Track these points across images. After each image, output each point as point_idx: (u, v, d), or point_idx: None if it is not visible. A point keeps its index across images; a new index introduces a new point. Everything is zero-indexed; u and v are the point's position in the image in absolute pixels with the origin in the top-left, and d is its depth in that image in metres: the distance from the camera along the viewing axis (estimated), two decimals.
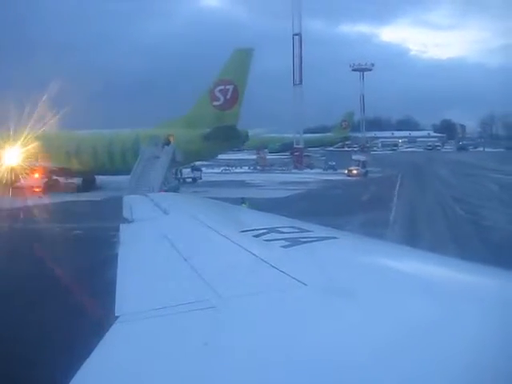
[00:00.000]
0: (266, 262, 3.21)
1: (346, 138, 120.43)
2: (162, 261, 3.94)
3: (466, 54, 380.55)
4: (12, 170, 40.06)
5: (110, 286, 3.14)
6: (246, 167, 70.12)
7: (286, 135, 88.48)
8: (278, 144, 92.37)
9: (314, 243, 3.77)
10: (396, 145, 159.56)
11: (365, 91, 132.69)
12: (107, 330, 2.29)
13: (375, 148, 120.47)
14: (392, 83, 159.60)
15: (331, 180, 53.21)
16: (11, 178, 41.28)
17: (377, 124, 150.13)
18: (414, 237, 21.71)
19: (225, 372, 1.85)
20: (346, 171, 58.59)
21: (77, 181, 46.59)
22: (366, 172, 58.39)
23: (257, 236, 4.05)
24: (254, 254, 3.48)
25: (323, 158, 79.98)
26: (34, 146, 42.32)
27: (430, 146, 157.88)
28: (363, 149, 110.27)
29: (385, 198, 35.78)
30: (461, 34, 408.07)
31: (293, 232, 4.19)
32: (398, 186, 43.86)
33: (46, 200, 37.08)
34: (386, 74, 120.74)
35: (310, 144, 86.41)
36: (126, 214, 6.54)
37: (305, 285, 2.66)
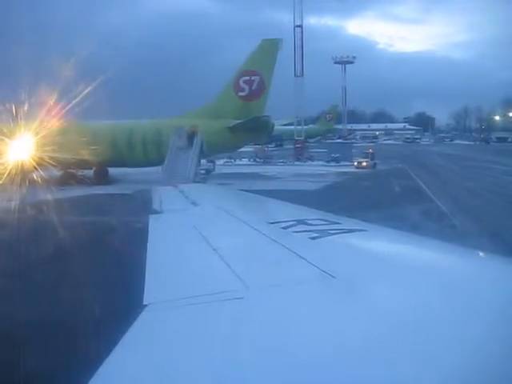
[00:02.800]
0: (294, 253, 3.24)
1: (331, 131, 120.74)
2: (190, 251, 4.02)
3: (431, 48, 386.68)
4: (27, 161, 38.75)
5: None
6: (246, 159, 68.85)
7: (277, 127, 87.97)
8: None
9: (342, 235, 3.82)
10: (376, 137, 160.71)
11: (340, 84, 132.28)
12: (135, 319, 2.32)
13: (354, 140, 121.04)
14: (362, 76, 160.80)
15: (346, 172, 52.28)
16: (26, 170, 40.03)
17: (351, 116, 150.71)
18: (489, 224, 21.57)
19: (251, 363, 1.86)
20: (356, 163, 58.24)
21: (90, 173, 45.33)
22: (375, 164, 58.16)
23: (285, 228, 4.10)
24: (282, 246, 3.52)
25: (311, 150, 79.33)
26: (49, 136, 41.10)
27: (408, 138, 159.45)
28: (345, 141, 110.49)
29: (419, 189, 35.52)
30: (426, 27, 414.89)
31: (321, 224, 4.23)
32: (416, 177, 43.62)
33: (71, 192, 35.84)
34: (355, 67, 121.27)
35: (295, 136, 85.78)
36: (155, 204, 6.63)
37: (333, 277, 2.68)
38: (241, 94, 43.41)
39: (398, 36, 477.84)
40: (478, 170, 50.82)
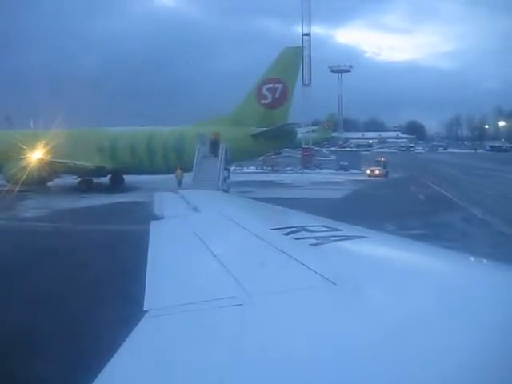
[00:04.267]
0: (295, 260, 3.24)
1: (328, 139, 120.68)
2: (191, 257, 4.05)
3: (419, 57, 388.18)
4: (45, 168, 38.23)
5: None
6: (253, 167, 68.13)
7: None
8: None
9: (343, 242, 3.81)
10: (370, 145, 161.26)
11: (331, 92, 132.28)
12: (136, 325, 2.33)
13: (348, 149, 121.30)
14: (351, 85, 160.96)
15: (361, 180, 52.09)
16: (44, 177, 39.53)
17: (344, 124, 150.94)
18: None
19: (251, 370, 1.85)
20: (369, 171, 57.90)
21: (106, 180, 44.75)
22: (387, 172, 57.89)
23: (286, 234, 4.08)
24: (283, 252, 3.51)
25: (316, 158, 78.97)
26: (67, 143, 40.58)
27: (403, 146, 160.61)
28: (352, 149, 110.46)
29: (444, 197, 35.34)
30: (413, 37, 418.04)
31: (322, 231, 4.20)
32: (433, 185, 43.43)
33: (96, 200, 35.23)
34: (344, 76, 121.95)
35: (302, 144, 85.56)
36: (156, 210, 6.64)
37: (334, 284, 2.66)
38: (263, 101, 43.19)
39: (386, 45, 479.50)
40: (489, 178, 50.93)
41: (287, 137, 43.97)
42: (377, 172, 56.75)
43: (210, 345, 2.15)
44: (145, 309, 2.62)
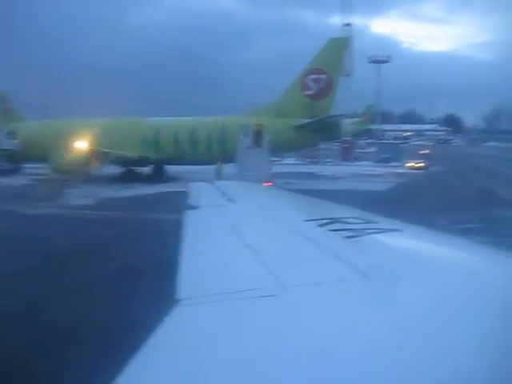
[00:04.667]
0: (328, 251, 3.24)
1: (367, 131, 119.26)
2: (225, 247, 4.01)
3: (455, 48, 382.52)
4: (89, 158, 38.62)
5: None
6: (292, 159, 67.54)
7: None
8: None
9: (378, 235, 3.75)
10: (407, 138, 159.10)
11: (373, 83, 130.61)
12: (168, 313, 2.32)
13: (386, 141, 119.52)
14: (388, 76, 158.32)
15: (403, 173, 50.89)
16: (89, 167, 39.94)
17: (380, 116, 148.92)
18: None
19: (281, 362, 1.83)
20: (410, 164, 56.82)
21: (147, 170, 44.99)
22: (429, 166, 56.61)
23: (321, 226, 4.05)
24: (317, 244, 3.51)
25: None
26: (111, 133, 40.96)
27: (441, 139, 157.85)
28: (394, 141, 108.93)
29: (491, 192, 34.45)
30: (449, 27, 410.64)
31: (357, 223, 4.17)
32: (478, 179, 42.58)
33: (139, 190, 35.38)
34: (381, 67, 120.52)
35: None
36: (191, 200, 6.65)
37: (367, 276, 2.67)
38: (307, 92, 42.81)
39: (423, 35, 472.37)
40: None
41: (332, 129, 43.39)
42: (419, 165, 55.69)
43: (241, 335, 2.14)
44: (177, 297, 2.61)
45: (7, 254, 15.55)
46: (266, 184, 25.31)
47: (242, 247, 3.72)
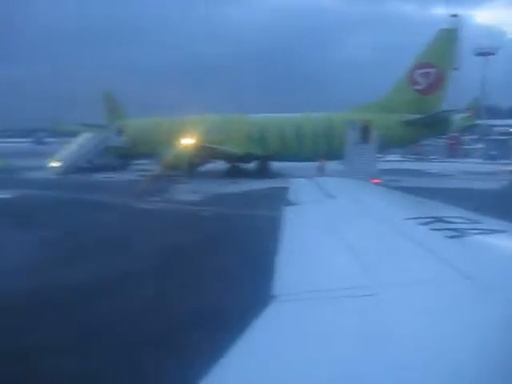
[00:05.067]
0: (430, 251, 3.14)
1: (473, 126, 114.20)
2: (322, 244, 3.97)
3: None
4: (196, 154, 39.08)
5: None
6: (395, 155, 65.42)
7: None
8: None
9: (483, 235, 3.57)
10: None
11: (478, 76, 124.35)
12: (263, 309, 2.34)
13: (494, 137, 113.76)
14: (495, 68, 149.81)
15: None
16: (195, 163, 40.50)
17: (487, 111, 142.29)
18: None
19: (378, 363, 1.80)
20: None
21: (251, 166, 45.10)
22: None
23: (422, 224, 3.94)
24: (418, 243, 3.41)
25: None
26: (217, 130, 41.36)
27: None
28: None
29: None
30: None
31: (461, 222, 4.01)
32: None
33: (247, 185, 35.33)
34: (488, 59, 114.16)
35: None
36: (290, 196, 6.63)
37: (470, 279, 2.56)
38: (416, 87, 41.30)
39: None
40: None
41: (442, 125, 41.45)
42: None
43: (336, 334, 2.11)
44: (273, 293, 2.61)
45: (133, 249, 15.75)
46: (373, 181, 24.52)
47: (340, 244, 3.71)
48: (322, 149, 39.90)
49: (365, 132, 35.83)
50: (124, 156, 49.47)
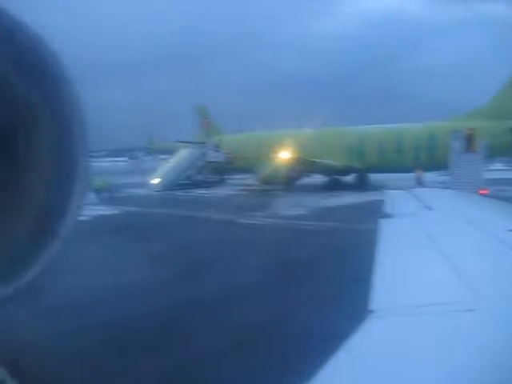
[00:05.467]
0: None
1: None
2: (420, 257, 3.89)
3: None
4: (295, 168, 38.86)
5: None
6: (499, 164, 62.16)
7: None
8: None
9: None
10: None
11: None
12: (361, 323, 2.32)
13: None
14: None
15: None
16: (294, 177, 40.32)
17: None
18: None
19: (476, 380, 1.75)
20: None
21: (349, 179, 44.38)
22: None
23: None
24: None
25: None
26: (315, 143, 41.05)
27: None
28: None
29: None
30: None
31: None
32: None
33: (349, 198, 34.67)
34: None
35: None
36: (387, 208, 6.52)
37: None
38: None
39: None
40: None
41: None
42: None
43: (437, 350, 2.01)
44: (370, 308, 2.56)
45: (254, 264, 15.77)
46: (481, 192, 23.34)
47: (438, 257, 3.60)
48: (423, 160, 38.74)
49: (470, 141, 34.44)
50: (222, 171, 50.12)
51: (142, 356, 8.51)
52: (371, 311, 2.53)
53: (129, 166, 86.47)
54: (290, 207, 31.43)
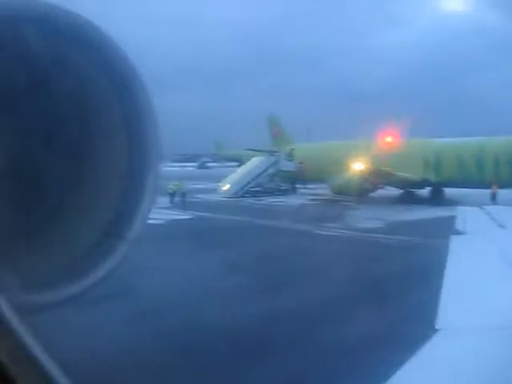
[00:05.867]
0: None
1: None
2: (492, 277, 3.74)
3: None
4: (370, 179, 37.93)
5: None
6: None
7: None
8: None
9: None
10: None
11: None
12: (426, 341, 2.30)
13: None
14: None
15: None
16: (368, 188, 39.40)
17: None
18: None
19: None
20: None
21: (425, 192, 42.90)
22: None
23: None
24: None
25: None
26: (391, 155, 39.92)
27: None
28: None
29: None
30: None
31: None
32: None
33: (429, 213, 33.36)
34: None
35: None
36: (458, 225, 6.34)
37: None
38: None
39: None
40: None
41: None
42: None
43: (499, 375, 1.98)
44: (436, 327, 2.49)
45: (344, 278, 15.33)
46: None
47: (510, 278, 3.49)
48: (505, 175, 36.95)
49: None
50: (293, 180, 49.62)
51: None
52: (437, 330, 2.47)
53: (197, 172, 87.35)
54: (366, 220, 30.58)
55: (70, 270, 1.37)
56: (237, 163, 62.52)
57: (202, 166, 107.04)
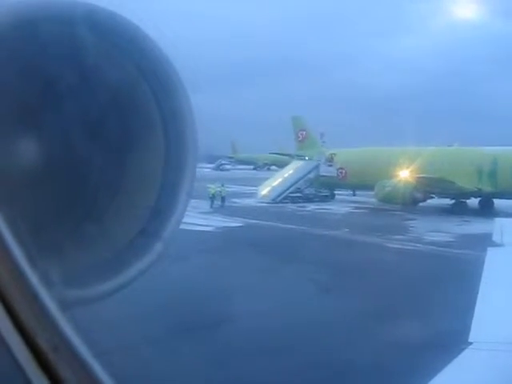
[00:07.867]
0: None
1: None
2: None
3: None
4: (419, 188, 36.44)
5: None
6: None
7: None
8: None
9: None
10: None
11: None
12: (458, 354, 2.25)
13: None
14: None
15: None
16: (418, 197, 37.89)
17: None
18: None
19: None
20: None
21: (473, 203, 41.26)
22: None
23: None
24: None
25: None
26: (440, 163, 38.45)
27: None
28: None
29: None
30: None
31: None
32: None
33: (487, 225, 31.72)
34: None
35: None
36: (495, 237, 6.19)
37: None
38: None
39: None
40: None
41: None
42: None
43: None
44: (470, 340, 2.45)
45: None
46: None
47: None
48: None
49: None
50: (333, 186, 48.01)
51: None
52: (470, 343, 2.40)
53: (214, 174, 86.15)
54: (430, 232, 29.04)
55: (105, 267, 1.43)
56: (251, 166, 61.25)
57: (219, 168, 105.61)
